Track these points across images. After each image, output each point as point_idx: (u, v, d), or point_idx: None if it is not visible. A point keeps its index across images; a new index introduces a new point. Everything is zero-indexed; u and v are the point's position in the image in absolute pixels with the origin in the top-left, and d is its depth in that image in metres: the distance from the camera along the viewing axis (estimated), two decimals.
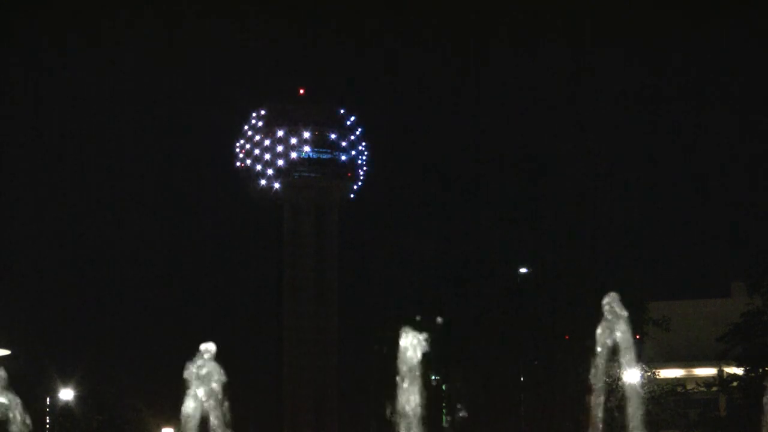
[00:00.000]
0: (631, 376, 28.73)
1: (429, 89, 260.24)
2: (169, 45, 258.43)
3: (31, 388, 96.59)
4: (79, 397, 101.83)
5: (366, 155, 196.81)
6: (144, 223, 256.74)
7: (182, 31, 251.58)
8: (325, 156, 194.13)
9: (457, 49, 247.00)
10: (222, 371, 30.35)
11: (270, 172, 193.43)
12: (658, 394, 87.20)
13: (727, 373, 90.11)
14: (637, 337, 78.14)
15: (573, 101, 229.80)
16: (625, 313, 28.29)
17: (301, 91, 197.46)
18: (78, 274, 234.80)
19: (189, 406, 29.68)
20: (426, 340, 31.75)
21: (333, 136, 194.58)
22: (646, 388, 79.84)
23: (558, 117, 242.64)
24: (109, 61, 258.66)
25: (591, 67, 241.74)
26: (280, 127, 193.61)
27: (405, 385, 30.71)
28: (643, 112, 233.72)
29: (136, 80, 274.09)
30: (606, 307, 28.42)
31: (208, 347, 30.47)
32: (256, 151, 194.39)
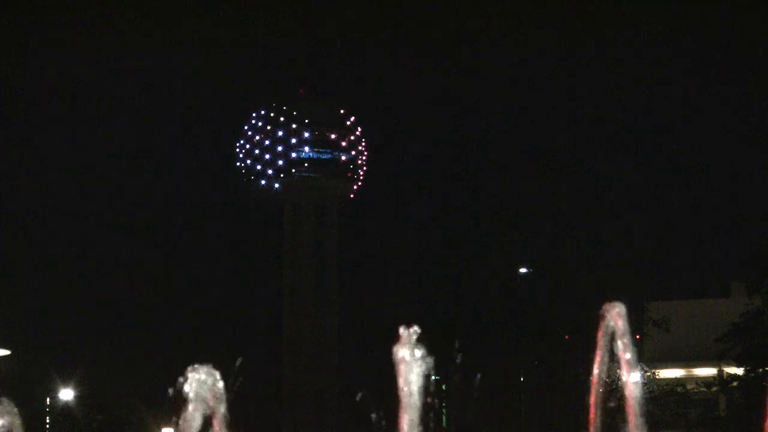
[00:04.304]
0: (631, 376, 28.70)
1: (429, 89, 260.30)
2: (168, 45, 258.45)
3: (31, 388, 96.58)
4: (79, 397, 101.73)
5: (366, 155, 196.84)
6: (144, 223, 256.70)
7: (182, 31, 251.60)
8: (325, 156, 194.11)
9: (457, 49, 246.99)
10: (220, 376, 30.32)
11: (270, 172, 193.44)
12: (658, 394, 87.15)
13: (727, 373, 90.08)
14: (637, 337, 78.14)
15: (573, 100, 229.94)
16: (625, 313, 28.29)
17: (301, 91, 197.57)
18: (78, 274, 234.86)
19: (189, 408, 29.66)
20: (426, 340, 31.72)
21: (333, 136, 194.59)
22: (646, 388, 79.80)
23: (558, 116, 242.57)
24: (108, 61, 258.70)
25: (590, 65, 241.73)
26: (280, 127, 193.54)
27: (404, 385, 30.68)
28: (643, 111, 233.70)
29: (135, 80, 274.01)
30: (606, 307, 28.42)
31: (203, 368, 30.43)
32: (256, 151, 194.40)
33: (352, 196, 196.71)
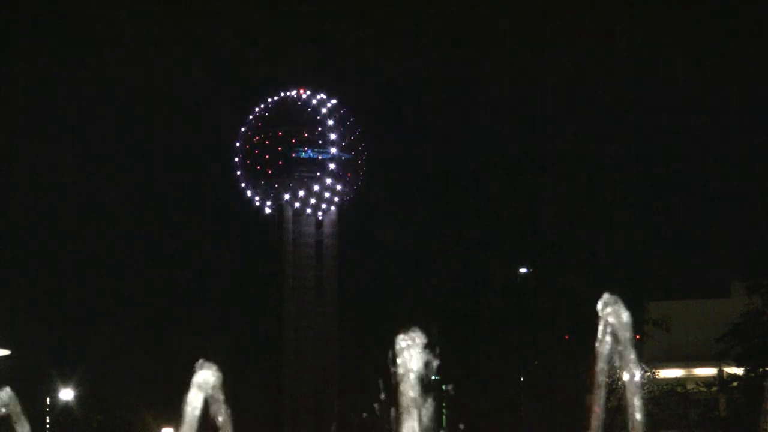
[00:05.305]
0: (631, 376, 28.72)
1: (429, 89, 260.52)
2: (169, 44, 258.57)
3: (31, 388, 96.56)
4: (79, 397, 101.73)
5: (366, 155, 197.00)
6: (144, 223, 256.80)
7: (182, 31, 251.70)
8: (325, 156, 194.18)
9: (457, 50, 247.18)
10: (221, 374, 30.32)
11: (270, 172, 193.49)
12: (658, 394, 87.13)
13: (727, 373, 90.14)
14: (637, 337, 78.10)
15: (572, 101, 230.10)
16: (625, 313, 28.28)
17: (302, 91, 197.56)
18: (78, 275, 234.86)
19: (191, 407, 29.66)
20: (426, 340, 31.74)
21: (333, 136, 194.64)
22: (646, 388, 79.79)
23: (557, 116, 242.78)
24: (109, 61, 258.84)
25: (590, 65, 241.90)
26: (280, 127, 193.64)
27: (404, 385, 30.70)
28: (644, 111, 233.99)
29: (135, 80, 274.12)
30: (605, 307, 28.40)
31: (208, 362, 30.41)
32: (256, 151, 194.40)
33: (352, 196, 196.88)
